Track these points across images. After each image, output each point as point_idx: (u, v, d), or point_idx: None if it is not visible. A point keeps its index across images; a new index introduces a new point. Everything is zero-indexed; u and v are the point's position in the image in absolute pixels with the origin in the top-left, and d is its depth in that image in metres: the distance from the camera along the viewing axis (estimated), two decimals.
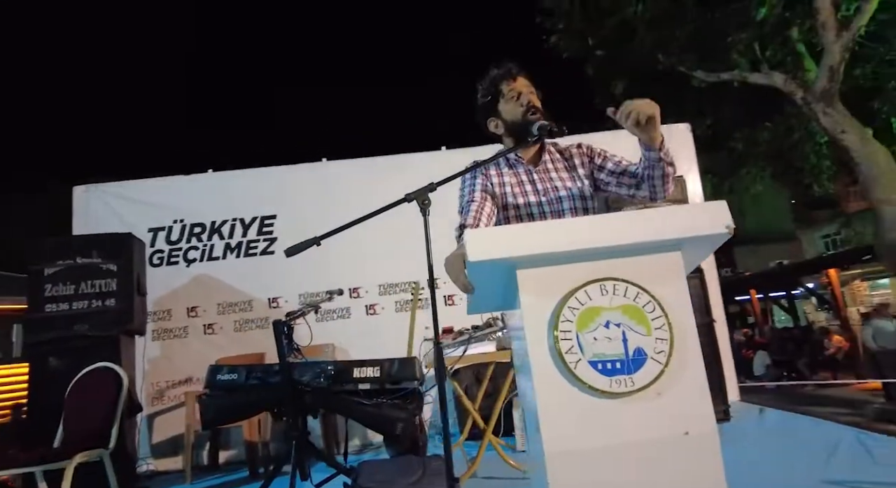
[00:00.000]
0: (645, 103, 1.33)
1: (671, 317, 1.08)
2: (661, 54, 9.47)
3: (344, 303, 4.37)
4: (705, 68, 8.89)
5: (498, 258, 1.09)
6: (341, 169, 4.63)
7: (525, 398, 1.25)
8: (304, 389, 2.53)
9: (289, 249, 1.48)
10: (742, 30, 8.11)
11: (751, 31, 8.03)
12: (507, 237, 1.12)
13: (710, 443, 1.04)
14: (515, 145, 1.65)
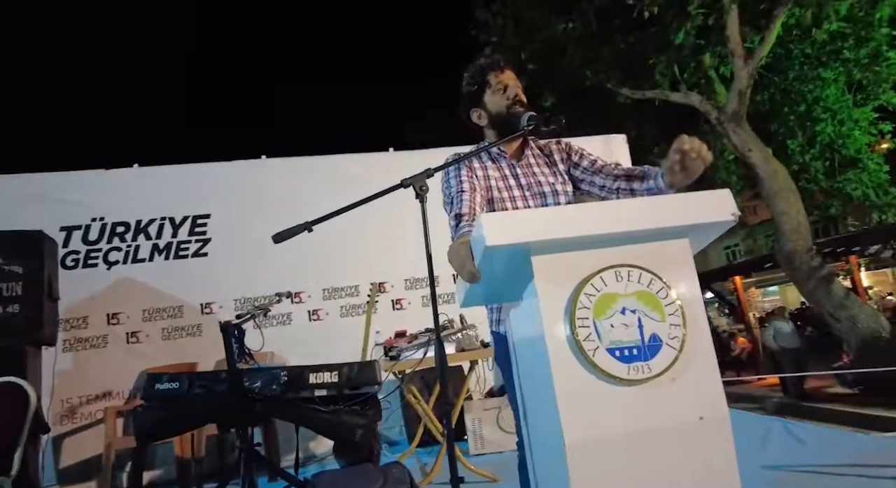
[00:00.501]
0: (705, 156, 1.27)
1: (683, 303, 1.09)
2: (589, 71, 9.96)
3: (285, 308, 4.15)
4: (630, 86, 9.45)
5: (515, 243, 1.05)
6: (281, 167, 4.42)
7: (529, 389, 1.22)
8: (255, 397, 2.35)
9: (277, 235, 1.36)
10: (662, 52, 8.71)
11: (670, 54, 8.64)
12: (523, 221, 1.09)
13: (724, 428, 1.05)
14: (499, 138, 1.63)
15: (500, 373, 1.64)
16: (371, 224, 4.34)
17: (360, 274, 4.31)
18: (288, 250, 4.16)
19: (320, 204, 4.42)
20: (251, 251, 4.15)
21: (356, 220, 4.41)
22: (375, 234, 4.37)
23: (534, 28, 10.67)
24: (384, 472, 2.42)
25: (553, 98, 11.00)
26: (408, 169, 4.92)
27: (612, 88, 9.75)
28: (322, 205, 4.68)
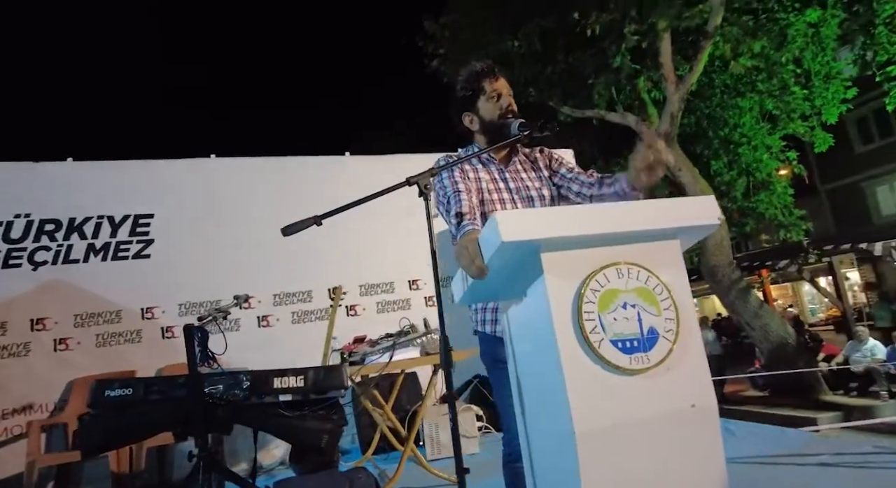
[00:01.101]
0: (666, 157, 1.38)
1: (676, 299, 1.18)
2: (532, 89, 10.33)
3: (233, 313, 3.98)
4: (571, 105, 9.89)
5: (529, 239, 1.10)
6: (232, 167, 4.26)
7: (530, 382, 1.26)
8: (216, 403, 2.24)
9: (286, 227, 1.33)
10: (601, 74, 9.20)
11: (608, 76, 9.14)
12: (534, 219, 1.14)
13: (713, 414, 1.15)
14: (489, 143, 1.69)
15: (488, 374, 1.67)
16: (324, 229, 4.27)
17: (313, 279, 4.22)
18: (237, 254, 4.06)
19: (272, 206, 4.37)
20: (198, 253, 3.97)
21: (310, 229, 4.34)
22: (330, 239, 4.29)
23: (481, 44, 10.91)
24: (350, 478, 2.38)
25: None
26: (364, 173, 4.94)
27: (554, 106, 10.16)
28: (274, 207, 4.60)
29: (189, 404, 2.18)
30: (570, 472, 1.07)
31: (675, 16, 7.59)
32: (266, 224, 4.20)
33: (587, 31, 7.88)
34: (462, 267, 1.27)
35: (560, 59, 9.66)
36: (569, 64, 9.68)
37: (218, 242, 4.04)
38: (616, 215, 1.18)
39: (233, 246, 4.09)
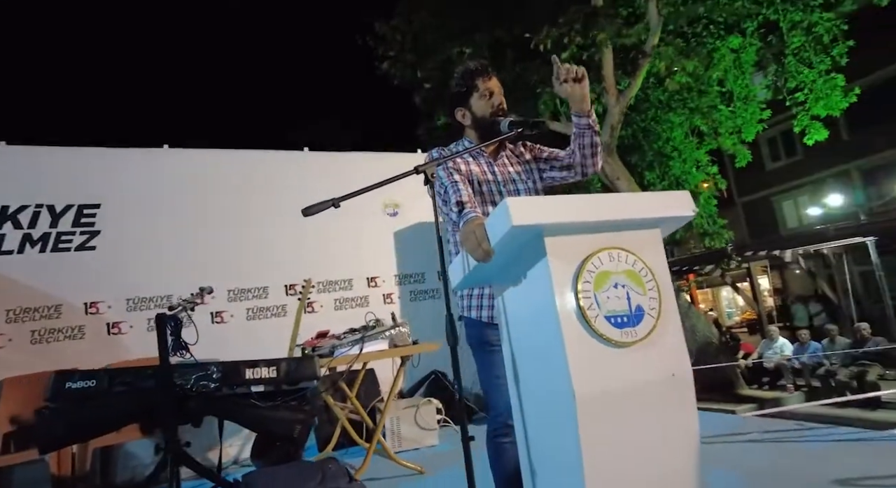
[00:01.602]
0: (578, 67, 1.59)
1: (658, 281, 1.33)
2: None
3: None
4: (518, 113, 10.20)
5: (534, 223, 1.21)
6: (187, 158, 4.12)
7: (527, 357, 1.37)
8: (187, 394, 2.20)
9: (306, 208, 1.36)
10: (546, 84, 9.59)
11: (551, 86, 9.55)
12: (539, 206, 1.26)
13: (689, 383, 1.30)
14: (480, 138, 1.79)
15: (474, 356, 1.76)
16: (282, 225, 4.23)
17: (270, 275, 4.15)
18: (191, 248, 3.94)
19: (229, 199, 4.27)
20: (149, 246, 3.81)
21: (267, 221, 4.30)
22: (287, 236, 4.26)
23: (431, 49, 11.04)
24: (321, 468, 2.40)
25: (446, 117, 11.45)
26: (323, 169, 4.92)
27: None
28: (231, 201, 4.50)
29: (158, 395, 2.13)
30: (568, 431, 1.19)
31: (616, 32, 8.06)
32: (221, 218, 4.12)
33: (539, 46, 8.19)
34: (468, 250, 1.35)
35: (508, 68, 9.97)
36: (516, 73, 10.01)
37: (170, 235, 3.89)
38: (608, 205, 1.32)
39: (186, 240, 3.96)
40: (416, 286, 4.65)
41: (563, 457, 1.22)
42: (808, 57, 9.61)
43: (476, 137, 1.82)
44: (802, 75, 9.72)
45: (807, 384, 8.43)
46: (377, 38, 11.24)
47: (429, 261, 4.72)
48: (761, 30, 9.88)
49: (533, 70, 9.68)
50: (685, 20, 9.16)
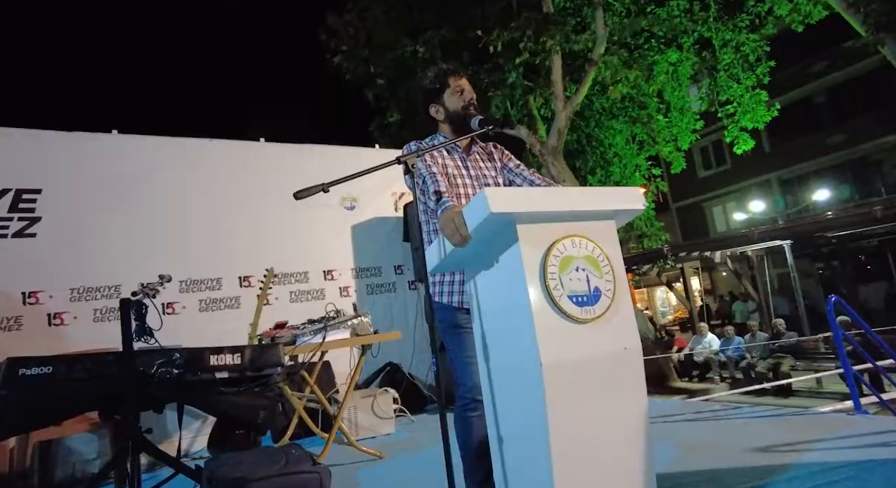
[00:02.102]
0: None
1: (613, 266, 1.49)
2: None
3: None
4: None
5: (509, 212, 1.35)
6: (134, 144, 4.00)
7: (497, 334, 1.50)
8: (149, 380, 2.19)
9: (298, 192, 1.42)
10: (498, 88, 9.85)
11: (504, 90, 9.81)
12: (513, 197, 1.39)
13: (638, 356, 1.47)
14: (453, 133, 1.92)
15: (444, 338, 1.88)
16: (237, 216, 4.19)
17: (223, 266, 4.09)
18: (141, 237, 3.84)
19: (180, 188, 4.18)
20: (95, 234, 3.68)
21: (221, 211, 4.24)
22: (242, 227, 4.22)
23: (384, 46, 11.03)
24: (285, 453, 2.44)
25: (399, 115, 11.51)
26: (278, 160, 4.90)
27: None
28: (183, 189, 4.40)
29: (120, 381, 2.11)
30: (535, 397, 1.32)
31: (565, 39, 8.41)
32: (173, 207, 4.02)
33: (490, 47, 8.40)
34: (447, 235, 1.46)
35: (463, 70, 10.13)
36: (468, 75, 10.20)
37: (119, 223, 3.76)
38: (572, 197, 1.48)
39: (136, 228, 3.84)
40: (373, 280, 4.71)
41: (530, 422, 1.36)
42: (737, 73, 10.37)
43: (449, 131, 1.94)
44: (732, 90, 10.47)
45: (731, 376, 9.11)
46: (330, 31, 11.14)
47: (385, 255, 4.80)
48: (697, 46, 10.56)
49: (485, 73, 9.90)
50: (629, 32, 9.66)
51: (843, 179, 17.20)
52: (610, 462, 1.38)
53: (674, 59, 10.44)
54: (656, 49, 10.34)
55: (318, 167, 4.66)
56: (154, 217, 3.92)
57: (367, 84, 11.53)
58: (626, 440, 1.41)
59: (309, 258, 4.45)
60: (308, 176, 5.10)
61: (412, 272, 4.81)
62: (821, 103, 18.93)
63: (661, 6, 10.20)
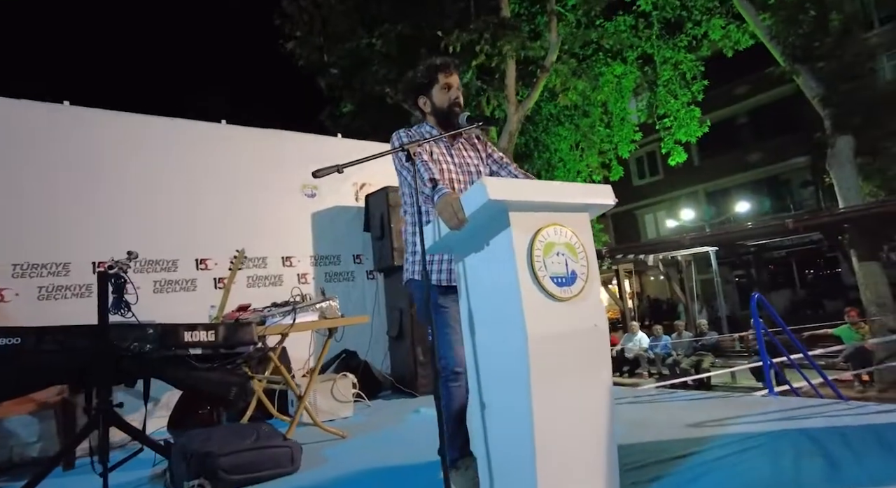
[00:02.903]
0: None
1: (587, 252, 1.69)
2: (389, 88, 10.74)
3: (80, 278, 3.62)
4: None
5: (503, 199, 1.51)
6: (89, 118, 3.84)
7: (484, 310, 1.66)
8: (122, 354, 2.19)
9: (316, 171, 1.51)
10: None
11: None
12: (507, 186, 1.55)
13: (606, 332, 1.68)
14: (438, 125, 2.06)
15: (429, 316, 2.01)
16: (193, 198, 4.12)
17: (179, 248, 4.01)
18: (93, 215, 3.73)
19: (131, 165, 4.06)
20: (42, 209, 3.51)
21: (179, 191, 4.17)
22: (199, 210, 4.16)
23: (339, 36, 10.94)
24: (255, 429, 2.50)
25: (353, 105, 11.44)
26: (241, 143, 4.86)
27: (409, 109, 10.70)
28: (133, 166, 4.28)
29: (93, 354, 2.11)
30: (520, 364, 1.50)
31: (521, 45, 8.72)
32: (128, 184, 3.91)
33: (449, 48, 8.56)
34: (444, 219, 1.61)
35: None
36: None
37: (69, 199, 3.60)
38: (554, 190, 1.66)
39: (87, 205, 3.70)
40: (332, 268, 4.76)
41: (514, 388, 1.53)
42: (675, 89, 11.11)
43: (435, 123, 2.09)
44: (669, 104, 11.21)
45: (658, 371, 9.79)
46: (284, 16, 10.91)
47: (345, 244, 4.85)
48: (640, 60, 11.23)
49: None
50: (580, 43, 10.13)
51: (761, 194, 18.77)
52: (583, 425, 1.58)
53: (619, 71, 11.05)
54: (603, 61, 10.91)
55: (280, 152, 4.66)
56: (107, 194, 3.79)
57: (320, 72, 11.39)
58: (596, 408, 1.62)
59: (268, 243, 4.43)
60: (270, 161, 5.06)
61: (371, 261, 4.90)
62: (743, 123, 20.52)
63: (609, 20, 10.77)
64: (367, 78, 10.76)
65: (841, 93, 8.51)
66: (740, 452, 2.10)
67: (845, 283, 15.64)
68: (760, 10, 8.91)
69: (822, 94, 8.59)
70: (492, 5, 9.97)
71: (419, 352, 4.32)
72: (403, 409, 3.80)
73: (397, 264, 4.40)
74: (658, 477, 1.92)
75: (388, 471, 2.38)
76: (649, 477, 1.92)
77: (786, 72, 9.30)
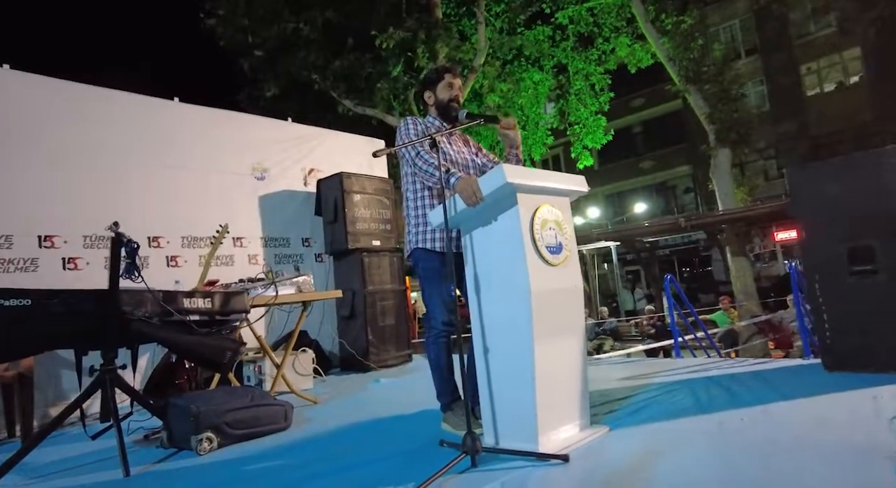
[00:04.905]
0: (514, 121, 2.34)
1: (569, 229, 2.12)
2: (316, 75, 10.68)
3: (29, 252, 3.48)
4: (353, 100, 10.62)
5: (515, 182, 1.89)
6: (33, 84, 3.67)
7: (489, 273, 2.02)
8: (129, 318, 2.28)
9: (377, 151, 1.76)
10: (381, 79, 10.24)
11: (389, 82, 10.24)
12: (517, 172, 1.93)
13: (581, 291, 2.12)
14: (439, 117, 2.39)
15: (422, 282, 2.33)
16: (144, 175, 4.06)
17: (132, 225, 3.88)
18: (38, 184, 3.59)
19: (77, 138, 3.96)
20: None
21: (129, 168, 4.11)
22: (150, 187, 4.11)
23: (265, 19, 10.69)
24: (248, 391, 2.68)
25: (276, 89, 11.20)
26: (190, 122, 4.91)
27: (336, 98, 10.72)
28: (80, 140, 4.19)
29: (101, 318, 2.19)
30: (523, 313, 1.88)
31: (455, 47, 9.15)
32: (76, 158, 3.78)
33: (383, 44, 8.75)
34: (463, 197, 1.94)
35: (348, 56, 10.30)
36: (350, 61, 10.40)
37: (8, 169, 3.44)
38: (549, 177, 2.07)
39: (31, 175, 3.55)
40: (281, 250, 4.85)
41: (517, 333, 1.91)
42: (585, 98, 12.16)
43: (435, 114, 2.42)
44: (579, 112, 12.24)
45: None
46: None
47: (294, 227, 4.97)
48: (555, 69, 12.14)
49: (367, 62, 10.18)
50: (506, 49, 10.76)
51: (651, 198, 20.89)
52: (568, 363, 2.01)
53: (537, 78, 11.87)
54: (524, 68, 11.66)
55: (231, 134, 4.68)
56: (56, 166, 3.65)
57: (243, 53, 11.03)
58: (576, 349, 2.05)
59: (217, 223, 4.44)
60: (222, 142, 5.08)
61: (320, 245, 5.05)
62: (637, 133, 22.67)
63: (529, 29, 11.54)
64: (294, 63, 10.62)
65: (721, 112, 9.90)
66: (666, 393, 2.66)
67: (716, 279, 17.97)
68: (661, 33, 10.06)
69: (708, 112, 9.92)
70: (423, 4, 10.30)
71: (369, 331, 4.59)
72: (362, 381, 4.06)
73: (351, 247, 4.62)
74: (610, 412, 2.40)
75: (369, 424, 2.67)
76: (603, 412, 2.40)
77: (680, 90, 10.59)
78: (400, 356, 4.78)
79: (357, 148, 5.65)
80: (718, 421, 2.09)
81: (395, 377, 4.14)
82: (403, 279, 4.99)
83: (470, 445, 1.79)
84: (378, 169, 5.73)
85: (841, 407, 2.13)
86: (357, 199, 4.76)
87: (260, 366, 3.71)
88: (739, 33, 18.72)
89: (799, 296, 4.14)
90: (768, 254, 16.35)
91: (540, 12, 11.43)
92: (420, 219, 2.33)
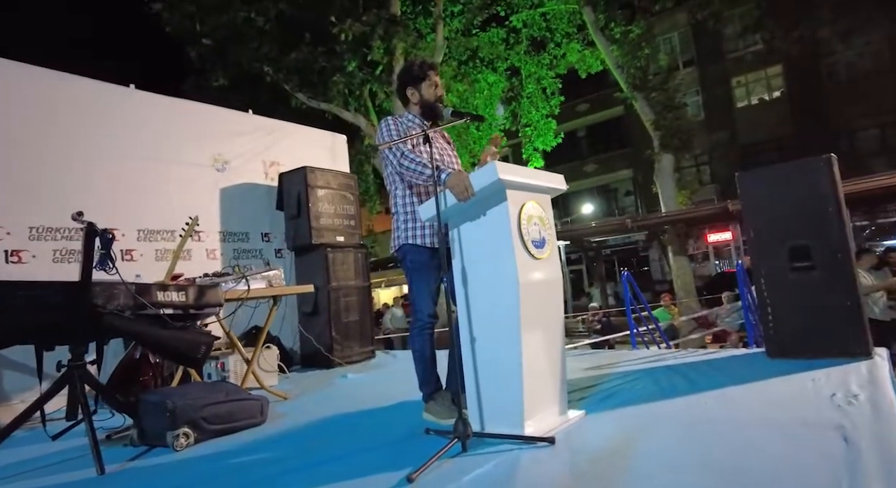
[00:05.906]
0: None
1: (550, 225, 2.23)
2: (268, 67, 10.40)
3: None
4: (307, 93, 10.41)
5: (505, 178, 1.97)
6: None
7: (476, 265, 2.09)
8: (100, 311, 2.19)
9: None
10: (339, 74, 10.10)
11: (345, 77, 10.12)
12: (507, 169, 2.01)
13: (560, 283, 2.23)
14: (422, 116, 2.44)
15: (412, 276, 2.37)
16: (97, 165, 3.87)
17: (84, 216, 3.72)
18: None
19: (29, 124, 3.77)
20: None
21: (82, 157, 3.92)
22: (104, 177, 3.92)
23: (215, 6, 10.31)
24: (223, 386, 2.63)
25: (225, 80, 10.81)
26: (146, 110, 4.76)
27: (289, 91, 10.48)
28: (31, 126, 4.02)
29: (71, 312, 2.09)
30: (511, 302, 1.97)
31: (412, 44, 9.16)
32: (26, 145, 3.55)
33: (341, 35, 8.64)
34: (455, 192, 2.00)
35: (304, 49, 10.09)
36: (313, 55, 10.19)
37: None
38: (535, 175, 2.17)
39: None
40: (240, 244, 4.73)
41: (505, 322, 1.99)
42: (537, 101, 12.48)
43: (418, 112, 2.46)
44: (531, 115, 12.56)
45: None
46: None
47: (253, 221, 4.86)
48: (508, 72, 12.39)
49: (321, 56, 10.02)
50: (462, 49, 10.88)
51: (595, 200, 21.69)
52: (549, 351, 2.11)
53: (491, 80, 12.07)
54: (479, 69, 11.83)
55: (191, 124, 4.52)
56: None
57: (190, 41, 10.57)
58: (557, 338, 2.16)
59: (176, 216, 4.27)
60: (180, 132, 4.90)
61: (280, 240, 4.96)
62: (581, 137, 23.46)
63: (484, 31, 11.72)
64: (245, 53, 10.29)
65: (665, 119, 10.45)
66: (631, 381, 2.83)
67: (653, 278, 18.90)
68: (610, 41, 10.49)
69: (654, 119, 10.44)
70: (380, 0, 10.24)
71: (333, 327, 4.55)
72: (327, 376, 4.04)
73: (315, 243, 4.57)
74: (582, 399, 2.54)
75: (346, 417, 2.68)
76: (576, 399, 2.53)
77: (627, 97, 11.08)
78: (364, 352, 4.77)
79: (319, 142, 5.59)
80: (685, 405, 2.26)
81: (361, 372, 4.14)
82: (367, 275, 4.98)
83: (461, 431, 1.86)
84: (341, 163, 5.69)
85: (788, 389, 2.35)
86: (321, 194, 4.71)
87: (223, 363, 3.61)
88: (678, 45, 19.78)
89: (745, 292, 4.48)
90: (701, 254, 17.37)
91: (495, 15, 11.64)
92: (409, 215, 2.38)
